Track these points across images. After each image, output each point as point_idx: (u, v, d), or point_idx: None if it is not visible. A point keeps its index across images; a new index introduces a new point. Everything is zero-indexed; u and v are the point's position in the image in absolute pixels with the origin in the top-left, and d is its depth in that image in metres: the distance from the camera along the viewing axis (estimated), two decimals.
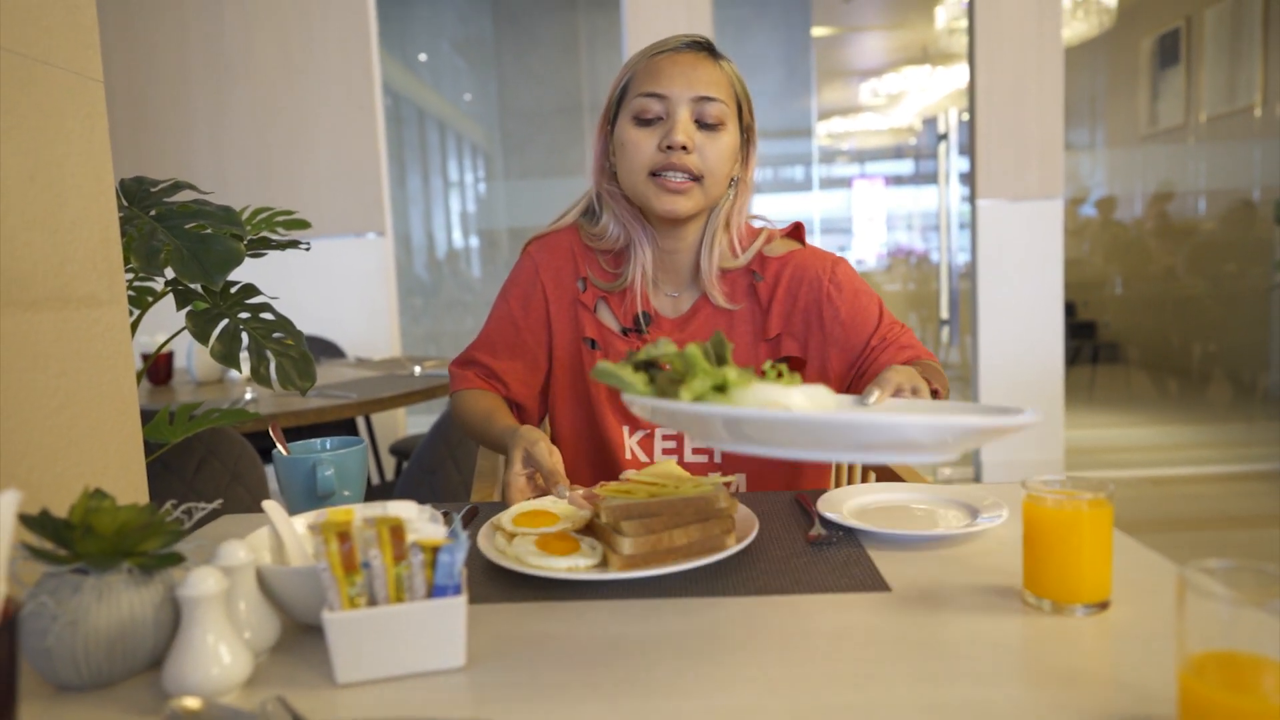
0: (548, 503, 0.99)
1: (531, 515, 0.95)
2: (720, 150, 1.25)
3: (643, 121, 1.25)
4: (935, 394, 1.15)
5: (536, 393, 1.41)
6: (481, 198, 5.26)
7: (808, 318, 1.32)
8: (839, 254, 1.39)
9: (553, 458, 1.07)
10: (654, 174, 1.24)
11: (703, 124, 1.24)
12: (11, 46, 0.96)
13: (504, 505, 1.09)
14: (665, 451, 1.35)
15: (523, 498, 1.08)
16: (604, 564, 0.88)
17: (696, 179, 1.24)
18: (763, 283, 1.34)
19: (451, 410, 1.43)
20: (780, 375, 0.78)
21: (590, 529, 0.95)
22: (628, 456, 1.34)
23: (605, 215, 1.35)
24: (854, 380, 1.32)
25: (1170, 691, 0.63)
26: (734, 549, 0.88)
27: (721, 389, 0.73)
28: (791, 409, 0.72)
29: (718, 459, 1.34)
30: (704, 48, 1.29)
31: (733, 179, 1.32)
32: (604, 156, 1.34)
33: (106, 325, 1.09)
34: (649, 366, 0.81)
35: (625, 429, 1.35)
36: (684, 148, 1.22)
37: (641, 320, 1.34)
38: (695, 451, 1.34)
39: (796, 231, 1.40)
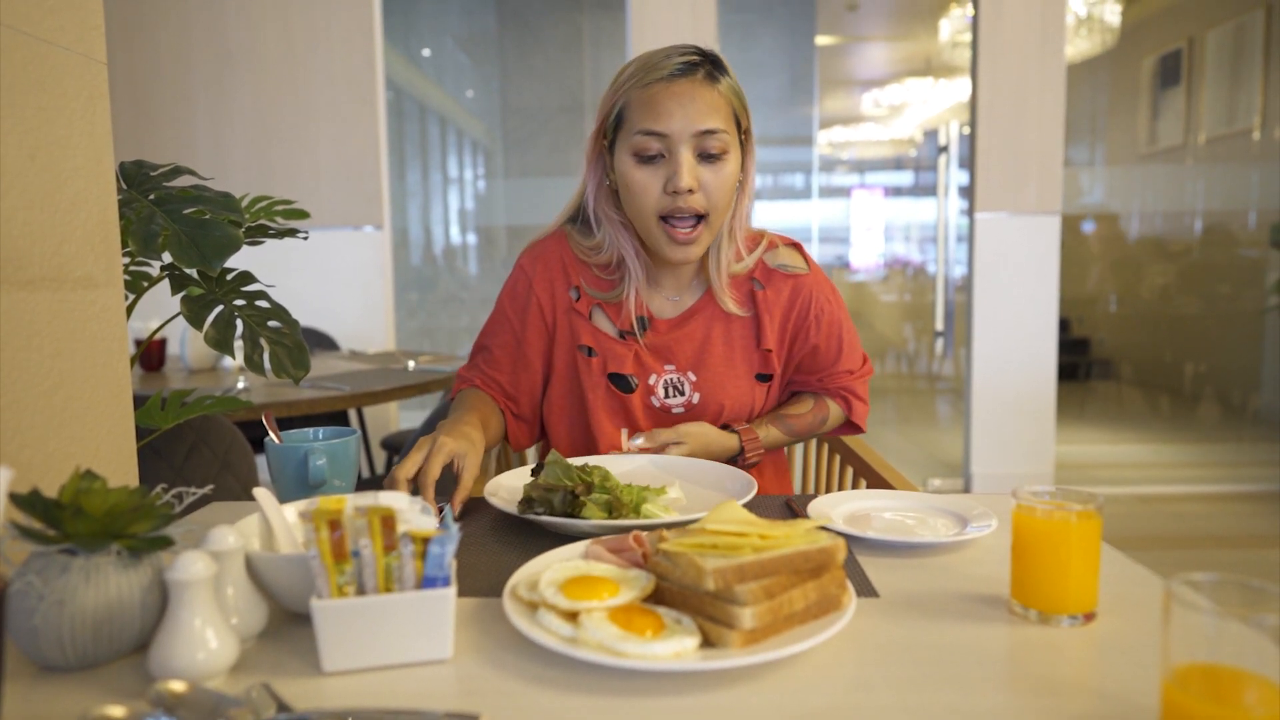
0: (585, 566, 0.80)
1: (579, 583, 0.75)
2: (723, 182, 1.23)
3: (644, 159, 1.22)
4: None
5: (539, 405, 1.41)
6: (481, 195, 5.25)
7: (793, 337, 1.38)
8: (837, 265, 1.43)
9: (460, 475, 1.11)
10: (663, 218, 1.23)
11: (705, 156, 1.21)
12: (15, 25, 0.96)
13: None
14: None
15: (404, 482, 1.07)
16: (708, 641, 0.71)
17: (703, 217, 1.24)
18: (763, 292, 1.35)
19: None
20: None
21: (658, 595, 0.76)
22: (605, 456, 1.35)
23: (601, 233, 1.34)
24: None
25: (1153, 702, 0.63)
26: (850, 611, 0.75)
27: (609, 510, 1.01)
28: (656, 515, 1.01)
29: None
30: (700, 66, 1.23)
31: (735, 188, 1.30)
32: (603, 178, 1.31)
33: (102, 307, 1.09)
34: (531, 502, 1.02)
35: (624, 432, 1.35)
36: (690, 190, 1.21)
37: (637, 325, 1.34)
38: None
39: (797, 246, 1.42)
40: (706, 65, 1.23)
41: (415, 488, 1.08)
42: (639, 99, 1.22)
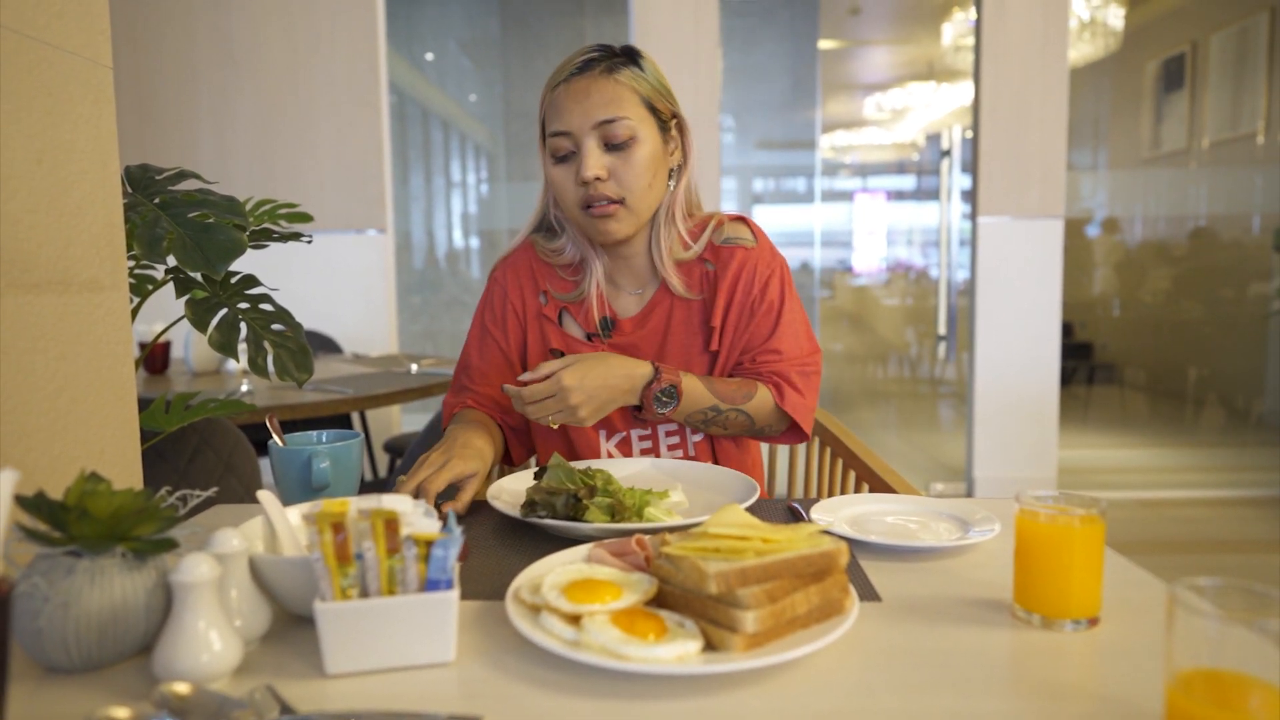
0: (587, 569, 0.80)
1: (582, 586, 0.75)
2: (635, 167, 1.25)
3: (559, 159, 1.27)
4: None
5: None
6: (483, 198, 5.26)
7: (741, 312, 1.34)
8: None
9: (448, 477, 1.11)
10: (584, 208, 1.26)
11: (611, 145, 1.25)
12: (22, 29, 0.97)
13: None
14: (642, 451, 1.36)
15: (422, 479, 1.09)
16: (710, 645, 0.71)
17: (619, 201, 1.26)
18: (714, 271, 1.35)
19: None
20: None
21: (661, 598, 0.76)
22: (604, 459, 1.35)
23: (564, 235, 1.38)
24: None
25: (1157, 707, 0.63)
26: (853, 615, 0.75)
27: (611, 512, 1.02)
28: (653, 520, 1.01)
29: (691, 451, 1.37)
30: (599, 62, 1.26)
31: (671, 170, 1.32)
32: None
33: (107, 310, 1.09)
34: (534, 505, 1.03)
35: (602, 434, 1.36)
36: (598, 178, 1.24)
37: (601, 327, 1.36)
38: (670, 449, 1.36)
39: (745, 220, 1.39)
40: (606, 60, 1.27)
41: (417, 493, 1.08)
42: (549, 104, 1.28)
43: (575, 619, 0.72)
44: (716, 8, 3.83)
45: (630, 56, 1.28)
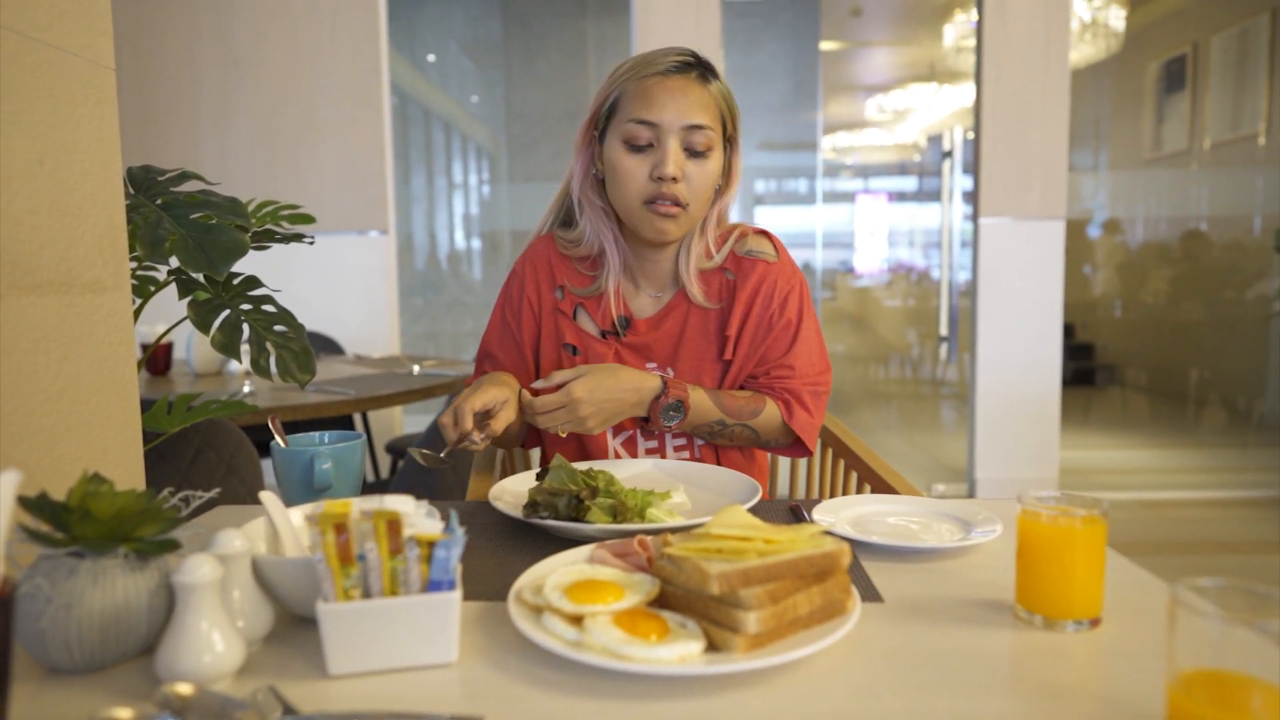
0: (589, 570, 0.80)
1: (584, 587, 0.75)
2: (706, 177, 1.27)
3: (634, 148, 1.26)
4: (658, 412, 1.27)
5: None
6: (485, 200, 5.26)
7: (758, 325, 1.35)
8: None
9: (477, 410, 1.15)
10: (647, 202, 1.26)
11: (691, 151, 1.26)
12: (24, 30, 0.97)
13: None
14: (648, 451, 1.36)
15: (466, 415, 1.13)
16: (712, 645, 0.71)
17: (684, 205, 1.27)
18: (734, 281, 1.36)
19: None
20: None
21: (663, 599, 0.76)
22: (611, 457, 1.35)
23: (583, 223, 1.37)
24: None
25: (1159, 708, 0.63)
26: (855, 616, 0.75)
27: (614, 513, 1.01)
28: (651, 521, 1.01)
29: (697, 453, 1.37)
30: (694, 67, 1.28)
31: (716, 188, 1.33)
32: (590, 165, 1.34)
33: (109, 311, 1.09)
34: (536, 506, 1.03)
35: (608, 431, 1.37)
36: (674, 179, 1.24)
37: (618, 324, 1.36)
38: (676, 450, 1.36)
39: (768, 235, 1.41)
40: (700, 68, 1.29)
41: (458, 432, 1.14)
42: (634, 90, 1.27)
43: (577, 620, 0.72)
44: (718, 9, 3.83)
45: (712, 70, 1.31)
